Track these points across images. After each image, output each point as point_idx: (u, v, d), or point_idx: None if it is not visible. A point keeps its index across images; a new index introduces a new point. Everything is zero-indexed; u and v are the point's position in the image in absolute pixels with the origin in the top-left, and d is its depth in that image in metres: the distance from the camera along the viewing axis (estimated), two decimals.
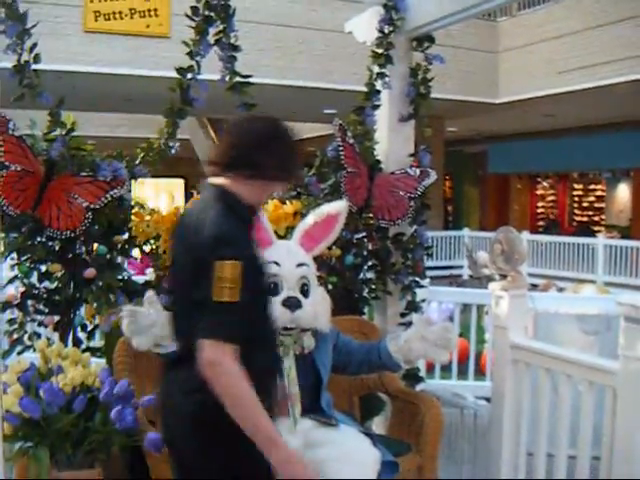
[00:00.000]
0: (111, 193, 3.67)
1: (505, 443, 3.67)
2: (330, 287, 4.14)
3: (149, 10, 13.15)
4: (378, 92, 4.33)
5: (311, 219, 3.49)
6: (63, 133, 3.69)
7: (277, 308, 3.21)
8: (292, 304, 3.25)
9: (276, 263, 3.28)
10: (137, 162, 3.87)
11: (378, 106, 4.34)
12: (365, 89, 4.38)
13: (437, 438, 3.43)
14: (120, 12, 13.08)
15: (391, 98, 4.45)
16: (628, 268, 15.46)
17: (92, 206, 3.64)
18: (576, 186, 24.82)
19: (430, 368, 5.93)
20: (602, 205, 23.65)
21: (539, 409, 3.49)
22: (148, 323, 3.05)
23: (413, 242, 4.41)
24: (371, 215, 4.26)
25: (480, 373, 6.46)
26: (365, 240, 4.35)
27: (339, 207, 3.53)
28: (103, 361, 3.69)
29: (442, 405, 3.66)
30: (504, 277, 3.75)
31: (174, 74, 3.94)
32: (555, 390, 3.45)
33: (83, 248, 3.80)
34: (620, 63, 13.34)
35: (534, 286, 11.72)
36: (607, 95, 14.72)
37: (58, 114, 3.70)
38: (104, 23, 13.05)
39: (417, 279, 4.41)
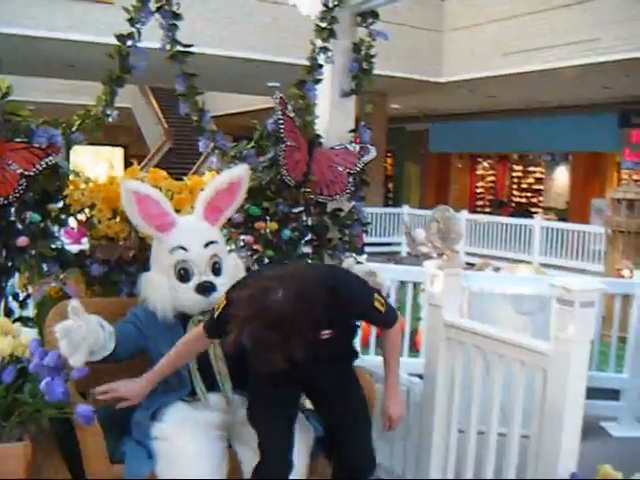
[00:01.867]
0: (46, 160, 3.58)
1: (437, 421, 3.71)
2: (267, 261, 4.13)
3: None
4: (320, 66, 4.30)
5: (212, 189, 3.45)
6: None
7: (191, 296, 3.20)
8: (205, 289, 3.23)
9: (182, 248, 3.25)
10: (73, 129, 3.79)
11: (320, 80, 4.32)
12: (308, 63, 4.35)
13: (369, 415, 3.45)
14: None
15: (333, 73, 4.44)
16: (564, 250, 15.75)
17: (26, 173, 3.55)
18: (516, 167, 25.19)
19: (365, 343, 5.97)
20: (540, 187, 24.02)
21: (471, 387, 3.53)
22: (81, 336, 2.94)
23: (351, 218, 4.42)
24: (309, 189, 4.24)
25: (414, 350, 6.54)
26: (303, 214, 4.34)
27: (240, 172, 3.52)
28: (35, 331, 3.63)
29: (375, 382, 3.69)
30: (440, 255, 3.78)
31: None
32: (487, 369, 3.50)
33: (16, 216, 3.70)
34: (565, 47, 13.56)
35: (470, 265, 11.89)
36: (550, 79, 14.95)
37: None
38: None
39: (354, 255, 4.42)
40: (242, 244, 4.14)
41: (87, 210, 3.81)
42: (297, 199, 4.23)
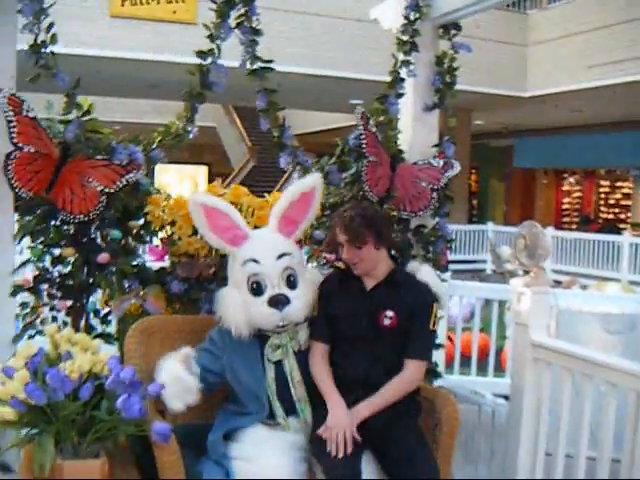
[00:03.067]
0: (126, 177, 3.59)
1: (523, 443, 3.57)
2: None
3: None
4: (402, 80, 4.22)
5: (285, 200, 3.37)
6: (79, 115, 3.61)
7: (264, 309, 3.12)
8: (279, 302, 3.14)
9: (254, 261, 3.18)
10: (153, 146, 3.79)
11: (402, 94, 4.23)
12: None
13: (452, 437, 3.31)
14: None
15: (416, 87, 4.34)
16: None
17: (107, 190, 3.56)
18: (603, 183, 24.60)
19: (449, 363, 5.84)
20: (629, 203, 23.39)
21: (559, 409, 3.39)
22: (188, 388, 3.03)
23: (434, 234, 4.31)
24: (392, 206, 4.15)
25: (500, 369, 6.36)
26: None
27: (312, 182, 3.42)
28: (114, 348, 3.64)
29: (459, 402, 3.56)
30: (527, 273, 3.65)
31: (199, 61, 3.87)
32: (576, 391, 3.35)
33: (98, 233, 3.72)
34: None
35: (557, 283, 11.59)
36: (636, 91, 14.51)
37: (74, 96, 3.62)
38: (130, 8, 13.08)
39: (438, 272, 4.31)
40: (324, 261, 4.07)
41: (168, 227, 3.79)
42: None
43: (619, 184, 24.01)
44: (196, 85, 3.83)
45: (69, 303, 3.75)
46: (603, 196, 24.64)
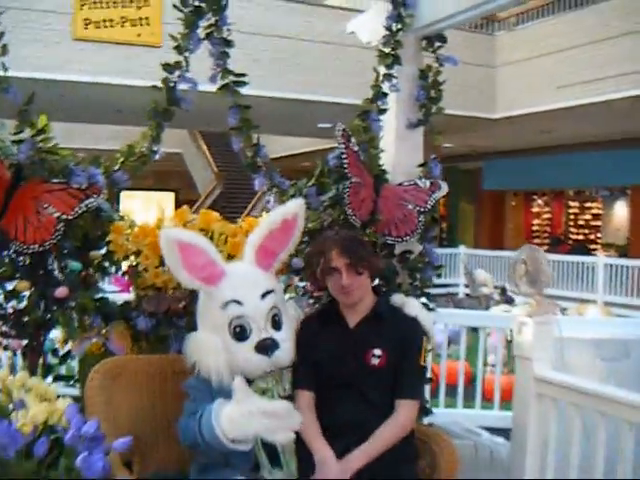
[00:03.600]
0: (86, 202, 3.24)
1: None
2: None
3: (141, 18, 12.83)
4: (385, 95, 3.93)
5: (264, 229, 3.00)
6: (33, 134, 3.26)
7: (251, 356, 2.78)
8: (267, 347, 2.80)
9: (237, 302, 2.81)
10: (116, 168, 3.46)
11: (385, 110, 3.94)
12: (360, 102, 3.97)
13: None
14: (111, 20, 12.79)
15: (398, 102, 4.07)
16: (629, 288, 15.13)
17: (64, 217, 3.21)
18: (572, 204, 24.61)
19: (433, 393, 5.54)
20: (598, 223, 23.42)
21: (569, 451, 3.09)
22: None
23: (421, 261, 4.01)
24: (376, 230, 3.84)
25: (485, 400, 6.07)
26: None
27: (294, 208, 3.05)
28: (75, 393, 3.28)
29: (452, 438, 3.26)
30: (504, 296, 3.38)
31: None
32: (586, 430, 3.06)
33: (55, 264, 3.37)
34: (620, 78, 13.09)
35: None
36: (605, 111, 14.51)
37: (26, 113, 3.27)
38: (94, 31, 12.74)
39: (426, 301, 4.00)
40: (302, 292, 3.75)
41: (132, 257, 3.45)
42: None
43: (588, 205, 24.01)
44: (162, 101, 3.51)
45: (24, 342, 3.40)
46: (572, 217, 24.63)
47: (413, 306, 3.10)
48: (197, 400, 2.77)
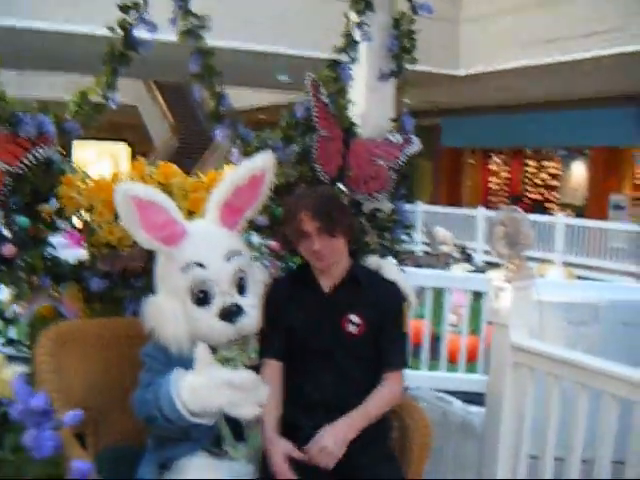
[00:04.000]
0: (35, 153, 2.98)
1: (502, 458, 3.14)
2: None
3: None
4: (356, 43, 3.70)
5: (229, 185, 2.76)
6: None
7: (214, 323, 2.55)
8: (232, 313, 2.57)
9: (199, 264, 2.58)
10: (68, 116, 3.19)
11: (355, 60, 3.72)
12: (322, 55, 3.76)
13: (424, 456, 2.86)
14: None
15: (369, 52, 3.85)
16: (587, 248, 15.17)
17: (11, 169, 2.95)
18: (530, 163, 24.58)
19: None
20: (555, 183, 23.45)
21: (547, 424, 2.96)
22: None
23: (391, 219, 3.83)
24: (345, 187, 3.64)
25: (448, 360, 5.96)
26: None
27: (263, 163, 2.80)
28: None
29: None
30: (464, 254, 3.22)
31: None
32: (565, 401, 2.93)
33: (1, 220, 3.11)
34: (585, 39, 12.98)
35: (492, 265, 11.32)
36: (569, 71, 14.39)
37: None
38: None
39: (395, 262, 3.83)
40: (267, 251, 3.55)
41: (84, 213, 3.20)
42: None
43: (546, 164, 24.00)
44: (118, 45, 3.25)
45: None
46: (530, 176, 24.63)
47: (391, 269, 2.91)
48: (153, 370, 2.57)
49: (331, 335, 2.69)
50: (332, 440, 2.52)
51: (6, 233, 3.10)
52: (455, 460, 3.15)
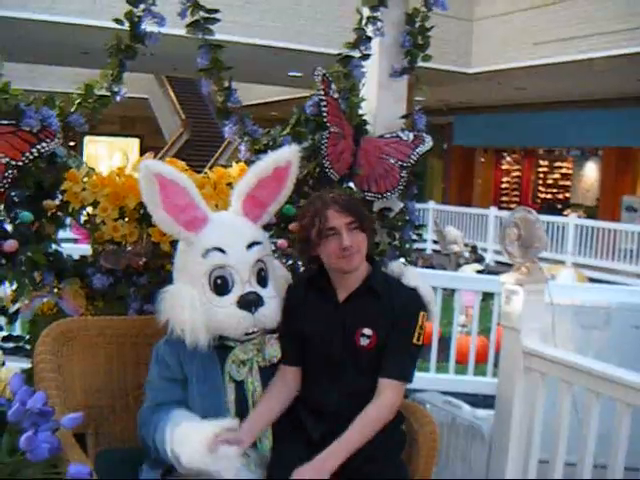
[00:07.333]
0: (38, 147, 2.92)
1: (510, 466, 3.07)
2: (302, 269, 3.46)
3: None
4: (368, 39, 3.63)
5: (252, 178, 2.68)
6: None
7: (232, 312, 2.47)
8: (251, 302, 2.48)
9: (220, 250, 2.50)
10: (72, 109, 3.13)
11: (368, 56, 3.64)
12: (334, 51, 3.65)
13: (431, 462, 2.79)
14: None
15: (382, 48, 3.78)
16: (597, 250, 15.07)
17: (14, 163, 2.89)
18: (542, 162, 24.48)
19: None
20: (567, 183, 23.34)
21: (558, 429, 2.88)
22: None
23: (401, 219, 3.76)
24: (354, 185, 3.57)
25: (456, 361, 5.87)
26: None
27: (288, 154, 2.72)
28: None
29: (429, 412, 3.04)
30: (475, 254, 3.14)
31: None
32: (576, 408, 2.85)
33: (4, 215, 3.05)
34: (598, 37, 12.87)
35: (505, 265, 11.24)
36: (582, 70, 14.32)
37: None
38: None
39: (405, 262, 3.75)
40: (274, 249, 3.49)
41: (89, 209, 3.13)
42: None
43: (558, 164, 23.90)
44: (125, 37, 3.19)
45: None
46: (542, 176, 24.52)
47: (413, 275, 2.78)
48: (164, 378, 2.52)
49: (342, 347, 2.57)
50: (310, 473, 2.40)
51: (8, 228, 3.05)
52: (463, 465, 3.06)
